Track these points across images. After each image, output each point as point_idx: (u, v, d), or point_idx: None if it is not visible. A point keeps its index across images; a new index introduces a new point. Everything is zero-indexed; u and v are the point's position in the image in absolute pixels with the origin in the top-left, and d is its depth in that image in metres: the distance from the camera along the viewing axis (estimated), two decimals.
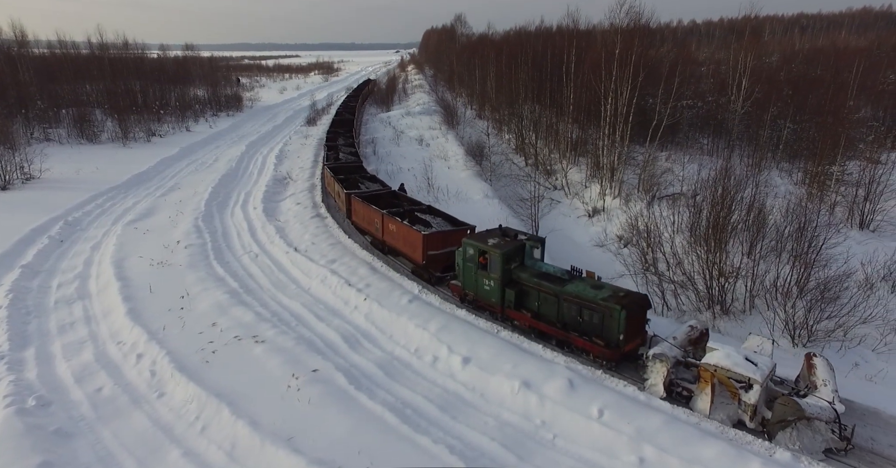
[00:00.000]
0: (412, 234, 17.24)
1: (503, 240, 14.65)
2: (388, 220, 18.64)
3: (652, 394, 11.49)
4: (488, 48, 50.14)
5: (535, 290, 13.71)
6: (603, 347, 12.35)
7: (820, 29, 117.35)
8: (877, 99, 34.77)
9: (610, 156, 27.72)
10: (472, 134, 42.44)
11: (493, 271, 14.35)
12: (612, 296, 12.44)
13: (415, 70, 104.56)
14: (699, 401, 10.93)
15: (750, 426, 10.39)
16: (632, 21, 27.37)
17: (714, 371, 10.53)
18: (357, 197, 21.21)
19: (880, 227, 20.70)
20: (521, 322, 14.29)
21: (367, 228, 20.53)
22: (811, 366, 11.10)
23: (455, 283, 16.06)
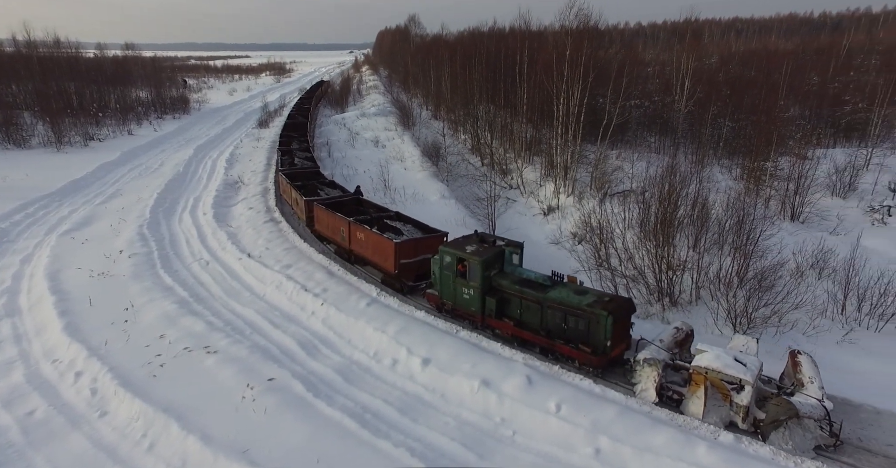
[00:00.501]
0: (383, 242, 16.65)
1: (482, 247, 14.19)
2: (356, 228, 18.00)
3: (643, 399, 11.27)
4: (442, 49, 50.27)
5: (517, 298, 13.27)
6: (590, 354, 12.01)
7: (753, 33, 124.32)
8: (803, 99, 37.09)
9: (563, 155, 28.32)
10: (427, 135, 42.44)
11: (473, 279, 13.84)
12: (597, 301, 12.13)
13: (369, 71, 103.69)
14: (691, 404, 10.79)
15: (742, 427, 10.31)
16: (581, 23, 28.09)
17: (705, 373, 10.42)
18: (320, 204, 20.38)
19: (808, 219, 22.07)
20: (504, 331, 13.83)
21: (332, 237, 19.79)
22: (796, 363, 11.07)
23: (431, 293, 15.48)
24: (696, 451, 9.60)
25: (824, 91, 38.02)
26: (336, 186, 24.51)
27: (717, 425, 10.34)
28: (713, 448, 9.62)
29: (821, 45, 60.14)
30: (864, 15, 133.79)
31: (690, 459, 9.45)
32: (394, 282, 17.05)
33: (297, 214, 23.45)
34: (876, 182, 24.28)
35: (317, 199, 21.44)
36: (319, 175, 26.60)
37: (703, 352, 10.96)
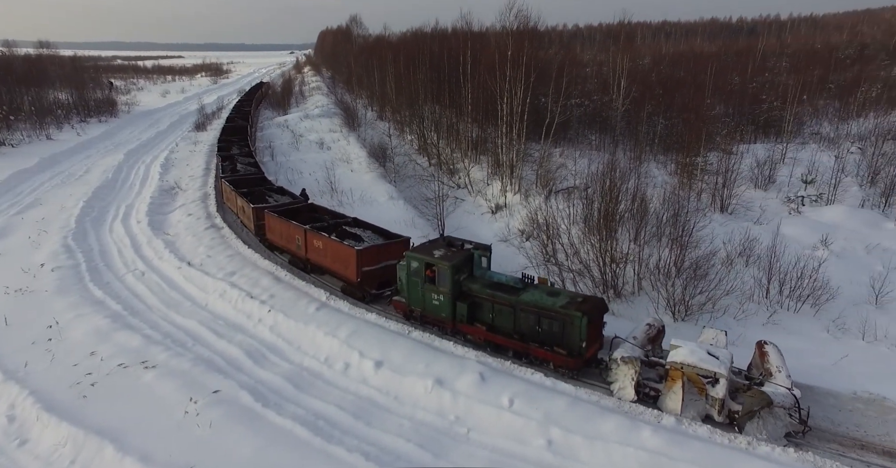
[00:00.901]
0: (343, 249, 15.98)
1: (449, 252, 13.83)
2: (313, 236, 17.22)
3: (621, 398, 11.25)
4: (386, 49, 49.94)
5: (489, 302, 13.06)
6: (565, 356, 11.95)
7: (680, 35, 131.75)
8: (727, 98, 39.58)
9: (509, 153, 28.81)
10: (374, 136, 42.02)
11: (443, 285, 13.49)
12: (570, 302, 12.07)
13: (311, 71, 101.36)
14: (668, 400, 10.83)
15: (718, 420, 10.41)
16: (521, 24, 28.67)
17: (681, 369, 10.53)
18: (271, 212, 19.36)
19: (736, 210, 23.57)
20: (476, 336, 13.61)
21: (286, 247, 18.86)
22: (763, 353, 11.28)
23: (398, 300, 15.00)
24: (641, 435, 10.01)
25: (744, 90, 40.73)
26: (285, 193, 23.50)
27: (694, 419, 10.47)
28: (657, 431, 10.06)
29: (740, 48, 64.44)
30: (774, 21, 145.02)
31: (637, 443, 9.84)
32: (356, 291, 16.46)
33: (244, 223, 22.20)
34: (791, 174, 26.23)
35: (267, 206, 20.41)
36: (265, 181, 25.36)
37: (677, 347, 11.04)
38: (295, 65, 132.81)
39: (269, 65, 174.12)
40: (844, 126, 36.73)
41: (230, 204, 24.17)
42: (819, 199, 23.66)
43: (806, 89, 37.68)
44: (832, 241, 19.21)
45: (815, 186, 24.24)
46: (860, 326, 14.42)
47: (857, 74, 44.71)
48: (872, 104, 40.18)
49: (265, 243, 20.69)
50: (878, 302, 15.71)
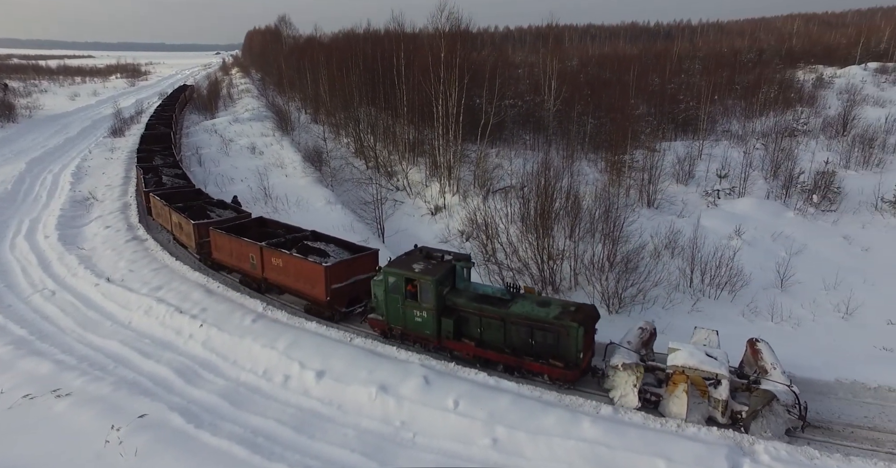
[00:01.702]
0: (309, 267, 14.87)
1: (430, 264, 13.04)
2: (271, 254, 15.90)
3: (624, 405, 10.91)
4: (317, 51, 48.81)
5: (476, 316, 12.37)
6: (563, 368, 11.49)
7: (605, 38, 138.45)
8: (649, 98, 41.96)
9: (446, 155, 28.99)
10: (308, 139, 40.94)
11: (426, 301, 12.71)
12: (563, 312, 11.65)
13: (240, 73, 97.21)
14: (672, 404, 10.59)
15: (722, 421, 10.24)
16: (453, 26, 28.92)
17: (683, 372, 10.37)
18: (217, 229, 17.80)
19: (661, 205, 25.03)
20: (464, 352, 12.85)
21: (237, 266, 17.40)
22: (756, 351, 11.23)
23: (374, 318, 14.07)
24: (581, 427, 10.34)
25: (664, 91, 43.28)
26: (226, 206, 21.67)
27: (699, 422, 10.26)
28: (596, 421, 10.44)
29: (658, 50, 68.43)
30: (686, 26, 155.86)
31: (577, 435, 10.16)
32: (323, 311, 15.38)
33: (182, 242, 20.47)
34: (707, 170, 28.17)
35: (210, 222, 18.78)
36: (201, 194, 23.40)
37: (676, 350, 10.90)
38: (222, 66, 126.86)
39: (193, 66, 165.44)
40: (750, 124, 39.91)
41: (161, 220, 22.12)
42: (732, 192, 25.55)
43: (716, 90, 40.64)
44: (744, 231, 20.80)
45: (728, 180, 26.15)
46: (769, 309, 15.71)
47: (757, 77, 48.75)
48: (772, 104, 43.95)
49: (209, 263, 19.00)
50: (783, 285, 17.19)
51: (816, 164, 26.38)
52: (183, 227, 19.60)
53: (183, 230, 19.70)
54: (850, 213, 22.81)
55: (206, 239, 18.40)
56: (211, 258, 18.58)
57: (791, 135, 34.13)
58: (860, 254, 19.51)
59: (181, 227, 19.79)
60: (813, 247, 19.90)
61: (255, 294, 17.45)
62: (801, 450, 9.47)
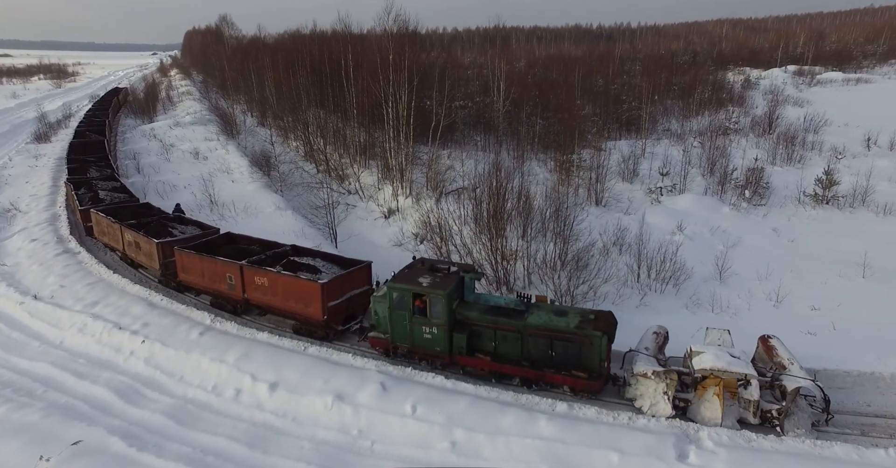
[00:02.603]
0: (302, 285, 13.90)
1: (437, 278, 12.42)
2: (254, 273, 14.78)
3: (655, 414, 10.60)
4: (262, 52, 47.46)
5: (491, 329, 11.87)
6: (587, 379, 11.15)
7: (550, 40, 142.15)
8: (594, 98, 43.36)
9: (398, 157, 28.84)
10: (255, 143, 39.73)
11: (437, 316, 12.08)
12: (583, 321, 11.36)
13: (180, 75, 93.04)
14: (703, 409, 10.35)
15: (753, 422, 10.13)
16: (400, 27, 28.80)
17: (711, 375, 10.21)
18: (184, 249, 16.37)
19: (609, 203, 25.89)
20: (478, 368, 12.28)
21: (210, 287, 16.14)
22: (770, 347, 11.21)
23: (376, 337, 13.30)
24: (538, 425, 10.55)
25: (608, 91, 44.83)
26: (186, 221, 20.13)
27: (733, 426, 10.12)
28: (552, 419, 10.68)
29: (601, 52, 70.87)
30: (626, 29, 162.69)
31: (534, 433, 10.36)
32: (316, 330, 14.52)
33: (140, 263, 18.70)
34: (650, 168, 29.40)
35: (174, 240, 17.31)
36: (150, 208, 21.72)
37: (699, 353, 10.68)
38: (160, 67, 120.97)
39: (128, 67, 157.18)
40: (688, 123, 41.96)
41: (108, 240, 20.19)
42: (673, 189, 26.76)
43: (656, 90, 42.46)
44: (686, 227, 21.84)
45: (670, 178, 27.38)
46: (710, 300, 16.57)
47: (692, 78, 51.37)
48: (706, 104, 46.43)
49: (172, 284, 17.64)
50: (722, 277, 18.17)
51: (747, 160, 28.06)
52: (142, 247, 17.83)
53: (142, 250, 17.92)
54: (778, 207, 24.39)
55: (172, 259, 16.92)
56: (177, 280, 17.07)
57: (724, 133, 36.15)
58: (787, 245, 20.90)
59: (138, 246, 18.03)
60: (747, 240, 21.15)
61: (203, 306, 16.75)
62: (740, 434, 10.04)
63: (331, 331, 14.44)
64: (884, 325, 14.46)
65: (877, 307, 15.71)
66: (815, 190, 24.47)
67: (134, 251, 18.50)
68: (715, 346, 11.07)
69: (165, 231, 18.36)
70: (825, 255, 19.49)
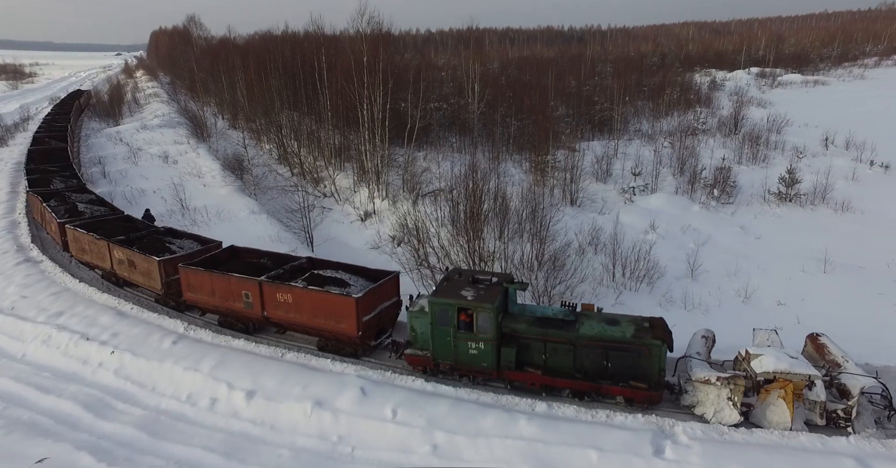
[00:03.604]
0: (335, 300, 13.09)
1: (481, 290, 11.91)
2: (275, 289, 13.81)
3: (722, 421, 10.23)
4: (232, 53, 46.60)
5: (540, 342, 11.49)
6: (647, 390, 10.80)
7: (523, 41, 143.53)
8: (567, 100, 43.96)
9: (373, 159, 28.70)
10: (227, 146, 38.97)
11: (484, 331, 11.55)
12: (639, 330, 11.05)
13: (146, 76, 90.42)
14: (770, 413, 10.07)
15: (820, 423, 9.90)
16: (374, 29, 28.68)
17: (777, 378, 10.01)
18: (190, 266, 15.25)
19: (583, 203, 26.31)
20: (528, 382, 11.82)
21: (223, 306, 15.00)
22: (820, 345, 11.03)
23: (414, 354, 12.63)
24: (518, 426, 10.63)
25: (580, 93, 45.52)
26: (179, 234, 18.71)
27: (801, 429, 9.91)
28: (532, 419, 10.77)
29: (573, 54, 71.99)
30: (597, 31, 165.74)
31: (515, 434, 10.44)
32: (345, 347, 13.73)
33: (134, 282, 17.26)
34: (623, 168, 29.97)
35: (179, 257, 16.11)
36: (132, 220, 20.30)
37: (758, 356, 10.46)
38: (124, 68, 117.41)
39: (90, 68, 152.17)
40: (658, 124, 42.94)
41: (91, 258, 18.61)
42: (645, 189, 27.34)
43: (627, 92, 43.33)
44: (658, 226, 22.34)
45: (642, 178, 27.96)
46: (682, 297, 16.98)
47: (661, 79, 52.62)
48: (675, 105, 47.61)
49: (171, 304, 16.57)
50: (693, 275, 18.65)
51: (715, 160, 28.91)
52: (137, 265, 16.53)
53: (137, 268, 16.60)
54: (745, 205, 25.18)
55: (175, 277, 15.77)
56: (183, 299, 15.86)
57: (693, 133, 37.12)
58: (754, 242, 21.60)
59: (132, 264, 16.68)
60: (716, 238, 21.76)
61: (175, 314, 16.34)
62: (713, 427, 10.32)
63: (364, 348, 13.66)
64: (842, 317, 15.06)
65: (835, 301, 16.41)
66: (779, 188, 25.34)
67: (126, 270, 17.12)
68: (771, 348, 10.87)
69: (163, 247, 17.17)
70: (789, 252, 20.20)
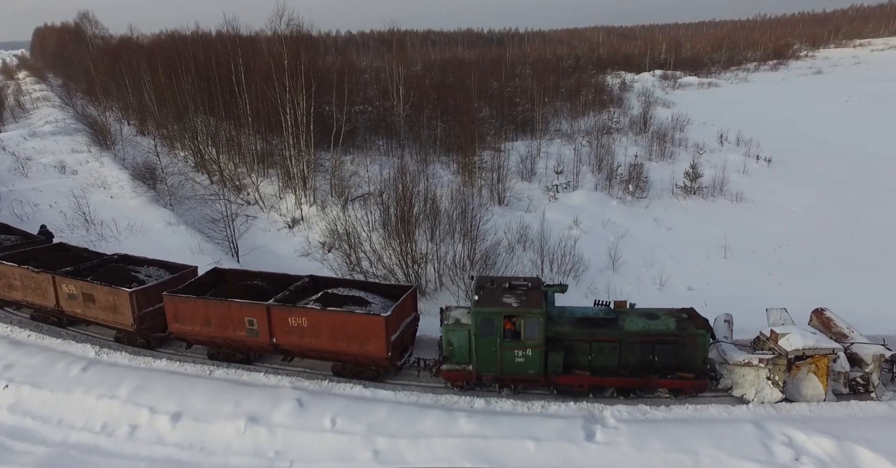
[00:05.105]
0: (361, 321, 12.23)
1: (524, 296, 11.73)
2: (287, 314, 12.78)
3: (766, 400, 10.96)
4: (137, 54, 43.41)
5: (586, 342, 11.55)
6: (694, 379, 11.26)
7: (444, 43, 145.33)
8: (490, 101, 45.14)
9: (299, 164, 27.90)
10: (136, 154, 36.23)
11: (532, 337, 11.40)
12: (680, 321, 11.53)
13: (32, 78, 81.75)
14: (804, 387, 10.91)
15: (844, 392, 10.88)
16: (294, 31, 27.87)
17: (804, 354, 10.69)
18: (175, 294, 13.91)
19: (510, 202, 27.16)
20: (576, 384, 11.76)
21: (219, 335, 13.61)
22: (826, 319, 12.00)
23: (452, 370, 12.13)
24: (458, 424, 10.83)
25: (502, 94, 46.88)
26: (134, 261, 16.82)
27: (832, 399, 10.90)
28: (471, 416, 11.02)
29: (494, 56, 73.87)
30: (515, 34, 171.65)
31: (455, 432, 10.62)
32: (366, 369, 12.89)
33: (92, 320, 15.28)
34: (546, 166, 31.25)
35: (153, 286, 14.63)
36: (65, 247, 18.21)
37: (785, 334, 11.14)
38: (2, 68, 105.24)
39: None
40: (576, 123, 45.16)
41: (21, 295, 16.28)
42: (568, 186, 28.67)
43: (546, 93, 45.20)
44: (581, 221, 23.51)
45: (564, 175, 29.29)
46: (605, 288, 18.03)
47: (577, 81, 55.44)
48: (590, 105, 50.34)
49: (139, 341, 14.91)
50: (615, 266, 19.85)
51: (629, 157, 30.86)
52: (98, 300, 14.72)
53: (97, 304, 14.79)
54: (657, 199, 27.14)
55: (149, 309, 14.43)
56: (172, 330, 14.31)
57: (608, 132, 39.43)
58: (665, 233, 23.35)
59: (91, 299, 14.81)
60: (633, 231, 23.27)
61: (85, 338, 14.99)
62: (637, 408, 11.09)
63: (390, 369, 12.96)
64: (739, 297, 16.65)
65: (734, 282, 18.15)
66: (685, 182, 27.54)
67: (80, 306, 15.13)
68: (794, 326, 11.73)
69: (127, 276, 15.35)
70: (696, 241, 22.03)
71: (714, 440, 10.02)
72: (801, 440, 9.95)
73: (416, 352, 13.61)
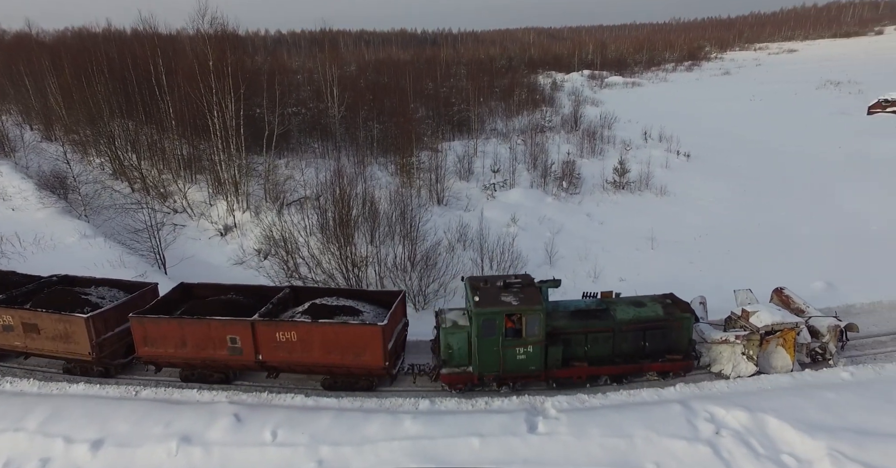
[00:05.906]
0: (356, 332, 11.84)
1: (522, 294, 11.95)
2: (275, 329, 12.14)
3: (741, 374, 11.89)
4: (38, 53, 39.85)
5: (582, 334, 12.12)
6: (682, 359, 12.16)
7: (379, 43, 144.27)
8: (426, 102, 45.22)
9: (229, 170, 26.68)
10: (42, 162, 33.23)
11: (533, 334, 11.67)
12: (665, 306, 12.44)
13: None
14: (774, 360, 11.99)
15: (807, 361, 12.14)
16: (218, 30, 26.59)
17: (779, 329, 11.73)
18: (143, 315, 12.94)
19: (449, 202, 27.35)
20: (575, 376, 12.23)
21: (198, 356, 12.70)
22: (786, 297, 13.47)
23: (452, 373, 12.09)
24: (404, 426, 10.78)
25: (438, 94, 47.10)
26: (80, 282, 15.50)
27: (797, 369, 12.03)
28: (416, 417, 11.01)
29: (428, 56, 74.15)
30: (448, 34, 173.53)
31: (401, 434, 10.57)
32: (360, 380, 12.50)
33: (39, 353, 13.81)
34: (483, 165, 31.71)
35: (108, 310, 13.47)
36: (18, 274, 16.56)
37: (755, 312, 12.16)
38: None
39: None
40: (511, 122, 46.17)
41: None
42: (505, 185, 29.25)
43: (481, 93, 45.88)
44: (518, 218, 24.08)
45: (501, 174, 29.85)
46: None
47: (510, 81, 56.69)
48: (524, 104, 51.65)
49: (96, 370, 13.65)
50: (552, 261, 20.50)
51: (561, 155, 31.92)
52: (44, 330, 13.35)
53: (43, 334, 13.41)
54: (589, 194, 28.27)
55: (108, 335, 13.29)
56: (138, 356, 13.23)
57: (541, 131, 40.59)
58: (598, 227, 24.39)
59: (35, 330, 13.43)
60: (568, 226, 24.11)
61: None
62: (576, 397, 11.53)
63: (386, 378, 12.63)
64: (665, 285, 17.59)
65: (661, 271, 19.26)
66: (614, 178, 28.87)
67: (19, 338, 13.65)
68: (762, 305, 12.71)
69: (77, 300, 13.99)
70: (626, 233, 23.16)
71: (646, 422, 10.59)
72: (720, 415, 10.73)
73: None
